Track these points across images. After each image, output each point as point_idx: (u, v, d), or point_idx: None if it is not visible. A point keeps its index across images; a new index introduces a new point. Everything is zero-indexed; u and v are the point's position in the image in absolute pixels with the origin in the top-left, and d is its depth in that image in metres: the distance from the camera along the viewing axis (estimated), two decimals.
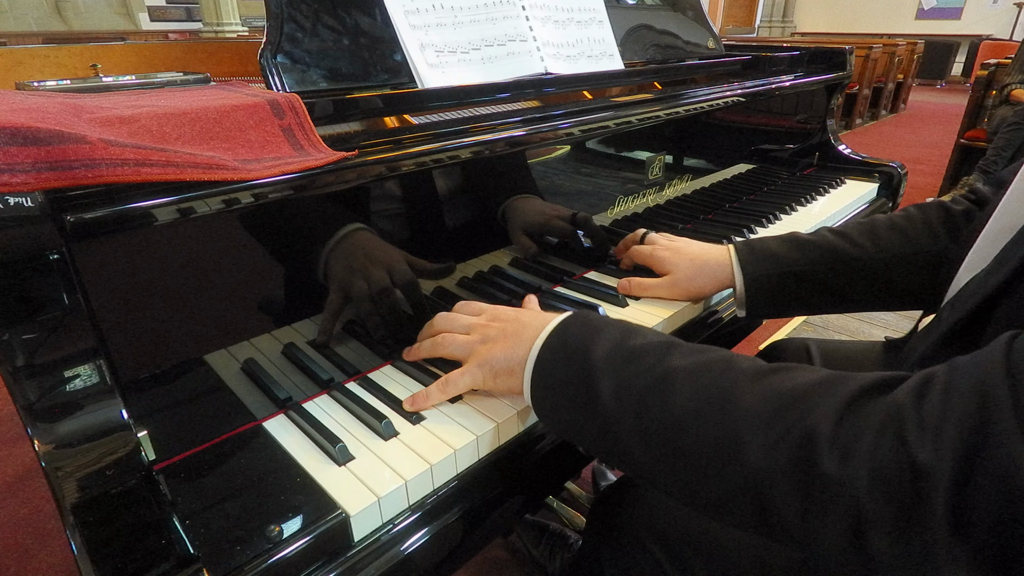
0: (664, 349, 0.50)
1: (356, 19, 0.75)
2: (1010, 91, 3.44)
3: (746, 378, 0.45)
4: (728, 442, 0.42)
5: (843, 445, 0.37)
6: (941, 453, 0.34)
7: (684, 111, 0.96)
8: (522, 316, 0.61)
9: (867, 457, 0.36)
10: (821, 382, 0.42)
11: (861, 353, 0.89)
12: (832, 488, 0.37)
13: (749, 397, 0.43)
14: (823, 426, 0.38)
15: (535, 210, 0.83)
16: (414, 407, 0.59)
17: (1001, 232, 0.58)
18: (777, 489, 0.39)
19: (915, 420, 0.36)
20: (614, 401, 0.48)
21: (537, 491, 0.65)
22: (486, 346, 0.60)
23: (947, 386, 0.36)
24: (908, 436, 0.35)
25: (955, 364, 0.38)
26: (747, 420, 0.42)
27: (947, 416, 0.35)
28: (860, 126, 6.37)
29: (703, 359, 0.48)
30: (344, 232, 0.63)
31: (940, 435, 0.34)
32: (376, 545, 0.50)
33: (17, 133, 0.39)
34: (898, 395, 0.38)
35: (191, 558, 0.42)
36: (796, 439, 0.39)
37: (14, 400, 0.44)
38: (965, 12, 10.56)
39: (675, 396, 0.46)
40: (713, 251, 0.82)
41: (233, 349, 0.58)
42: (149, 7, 8.75)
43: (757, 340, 2.16)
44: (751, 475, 0.40)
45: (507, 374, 0.58)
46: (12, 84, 1.11)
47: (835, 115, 1.47)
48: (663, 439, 0.45)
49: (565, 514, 1.32)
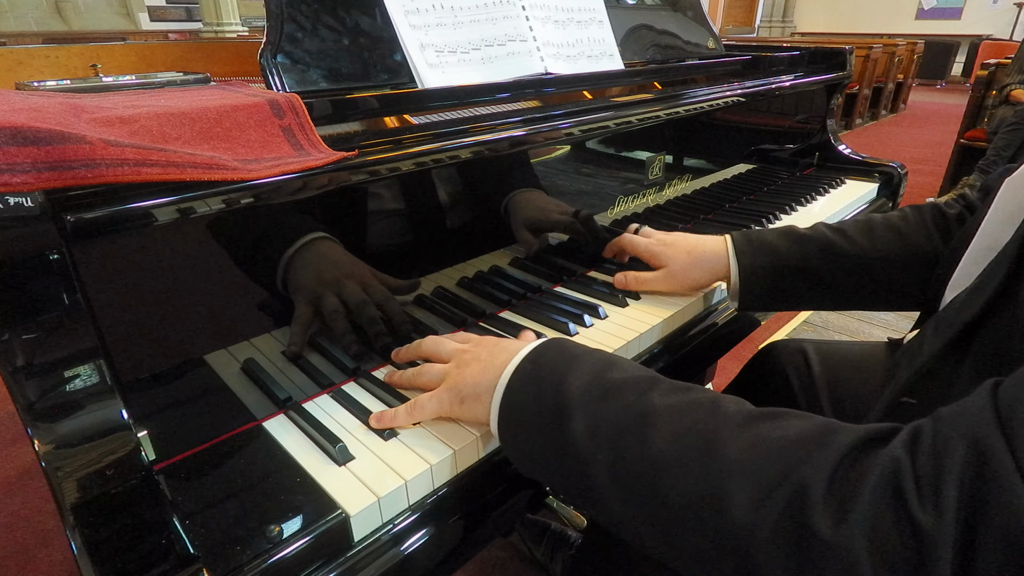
0: (645, 385, 0.47)
1: (356, 19, 0.75)
2: (1009, 91, 3.44)
3: (732, 423, 0.42)
4: (711, 493, 0.39)
5: (838, 503, 0.35)
6: (943, 515, 0.31)
7: (684, 111, 0.96)
8: (502, 342, 0.59)
9: (865, 518, 0.33)
10: (812, 433, 0.39)
11: (862, 355, 0.88)
12: (827, 551, 0.34)
13: (735, 445, 0.40)
14: (815, 482, 0.36)
15: (538, 204, 0.83)
16: (380, 425, 0.57)
17: (983, 251, 0.58)
18: (764, 548, 0.36)
19: (912, 477, 0.33)
20: (588, 439, 0.45)
21: (538, 490, 0.64)
22: (459, 370, 0.57)
23: (935, 440, 0.34)
24: (907, 496, 0.33)
25: (939, 416, 0.36)
26: (732, 470, 0.39)
27: (943, 472, 0.33)
28: (860, 126, 6.37)
29: (686, 399, 0.45)
30: (339, 230, 0.63)
31: (939, 494, 0.32)
32: (376, 545, 0.50)
33: (17, 133, 0.39)
34: (893, 449, 0.36)
35: (191, 558, 0.42)
36: (786, 494, 0.36)
37: (14, 400, 0.44)
38: (965, 12, 10.57)
39: (654, 438, 0.43)
40: (709, 242, 0.81)
41: (233, 349, 0.58)
42: (149, 7, 8.75)
43: (757, 340, 2.16)
44: (735, 531, 0.37)
45: (473, 400, 0.54)
46: (12, 84, 1.11)
47: (835, 115, 1.47)
48: (639, 484, 0.42)
49: (565, 514, 1.32)
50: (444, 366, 0.59)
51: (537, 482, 0.62)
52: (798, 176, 1.44)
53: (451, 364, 0.59)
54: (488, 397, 0.53)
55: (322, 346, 0.65)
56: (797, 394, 0.87)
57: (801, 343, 0.92)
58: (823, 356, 0.88)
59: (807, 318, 2.38)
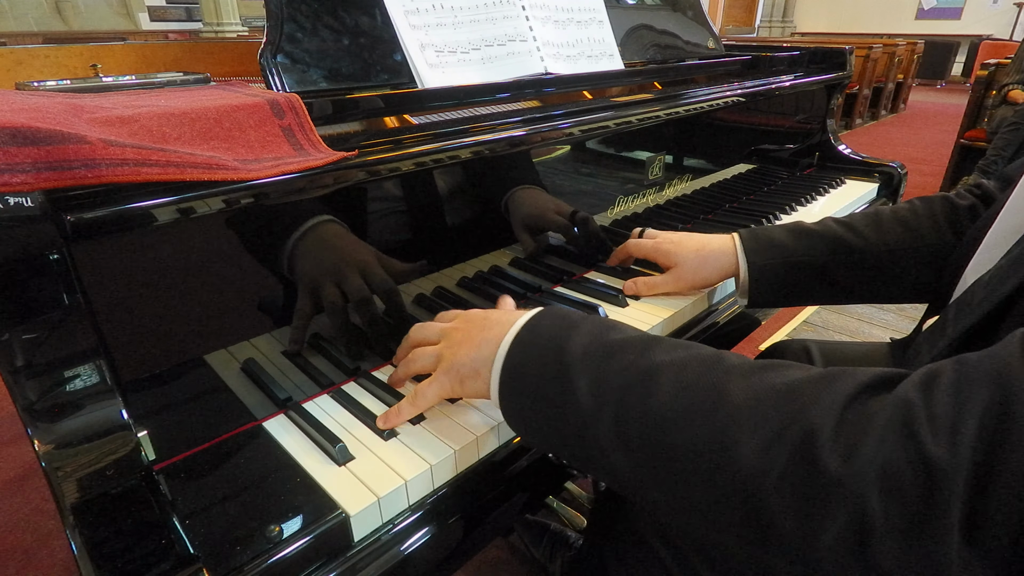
0: (646, 343, 0.47)
1: (356, 19, 0.75)
2: (1008, 91, 3.44)
3: (737, 373, 0.42)
4: (718, 441, 0.39)
5: (846, 442, 0.34)
6: (958, 449, 0.31)
7: (684, 111, 0.96)
8: (491, 315, 0.58)
9: (874, 454, 0.33)
10: (818, 378, 0.39)
11: (865, 355, 0.88)
12: (834, 487, 0.34)
13: (741, 393, 0.40)
14: (823, 422, 0.35)
15: (538, 201, 0.83)
16: (387, 425, 0.57)
17: (1008, 233, 0.57)
18: (773, 491, 0.36)
19: (926, 415, 0.33)
20: (592, 400, 0.45)
21: (537, 490, 0.64)
22: (451, 350, 0.56)
23: (958, 380, 0.34)
24: (919, 431, 0.32)
25: (964, 359, 0.35)
26: (739, 417, 0.38)
27: (963, 410, 0.32)
28: (860, 126, 6.37)
29: (689, 354, 0.45)
30: (342, 231, 0.63)
31: (956, 430, 0.31)
32: (376, 545, 0.50)
33: (17, 133, 0.39)
34: (903, 390, 0.35)
35: (191, 558, 0.42)
36: (794, 437, 0.36)
37: (14, 400, 0.44)
38: (965, 12, 10.56)
39: (659, 393, 0.42)
40: (716, 240, 0.81)
41: (233, 349, 0.58)
42: (149, 7, 8.75)
43: (757, 340, 2.16)
44: (744, 477, 0.37)
45: (473, 377, 0.54)
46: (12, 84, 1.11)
47: (835, 115, 1.47)
48: (645, 440, 0.42)
49: (565, 514, 1.32)
50: (435, 347, 0.59)
51: (537, 482, 0.62)
52: (798, 176, 1.44)
53: (442, 345, 0.58)
54: (487, 371, 0.53)
55: (322, 346, 0.65)
56: None
57: (805, 342, 0.92)
58: (827, 355, 0.88)
59: (807, 318, 2.38)
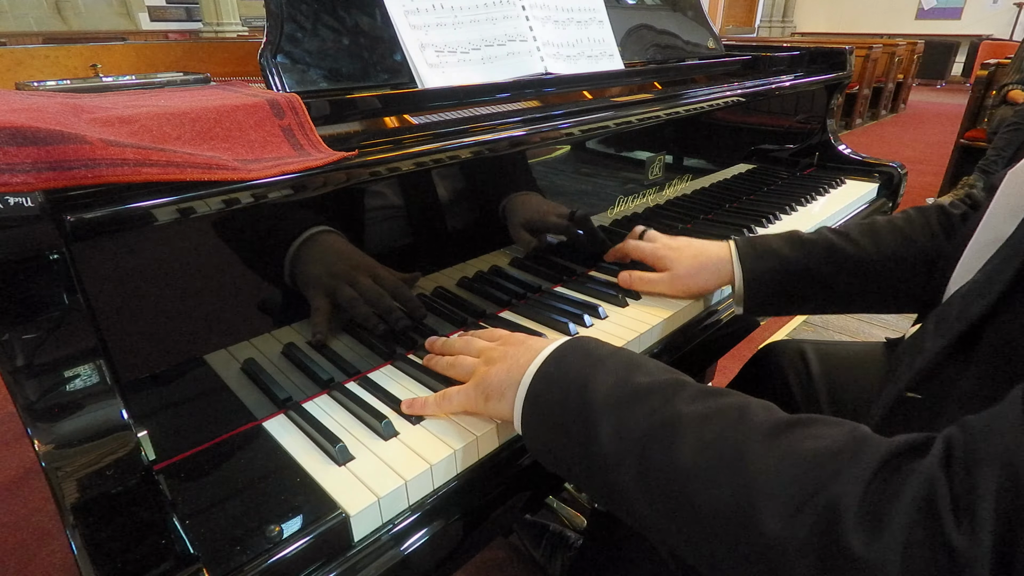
0: (671, 390, 0.47)
1: (356, 19, 0.75)
2: (1008, 91, 3.44)
3: (761, 434, 0.41)
4: (741, 506, 0.38)
5: (872, 520, 0.34)
6: (978, 536, 0.31)
7: (684, 111, 0.96)
8: (528, 340, 0.60)
9: (899, 536, 0.33)
10: (843, 445, 0.38)
11: (860, 355, 0.88)
12: (859, 568, 0.33)
13: (765, 457, 0.39)
14: (849, 496, 0.35)
15: (534, 207, 0.83)
16: (411, 411, 0.59)
17: (985, 245, 0.58)
18: (794, 562, 0.36)
19: (949, 496, 0.33)
20: (614, 445, 0.45)
21: (537, 491, 0.64)
22: (486, 367, 0.58)
23: (967, 458, 0.34)
24: (942, 515, 0.32)
25: (968, 428, 0.35)
26: (762, 483, 0.38)
27: (978, 495, 0.32)
28: (860, 126, 6.37)
29: (713, 405, 0.44)
30: (341, 231, 0.63)
31: (975, 515, 0.31)
32: (376, 545, 0.49)
33: (17, 133, 0.39)
34: (929, 466, 0.35)
35: (191, 558, 0.42)
36: (819, 509, 0.35)
37: (14, 400, 0.44)
38: (965, 12, 10.56)
39: (681, 447, 0.42)
40: (713, 247, 0.82)
41: (233, 349, 0.58)
42: (149, 7, 8.75)
43: (757, 340, 2.16)
44: (767, 545, 0.37)
45: (498, 398, 0.55)
46: (12, 84, 1.11)
47: (835, 115, 1.47)
48: (667, 492, 0.42)
49: (565, 514, 1.32)
50: (474, 360, 0.61)
51: (536, 483, 0.62)
52: (798, 176, 1.44)
53: (480, 359, 0.60)
54: (512, 395, 0.54)
55: (322, 345, 0.65)
56: (796, 395, 0.87)
57: (800, 343, 0.92)
58: (822, 357, 0.88)
59: (807, 318, 2.38)
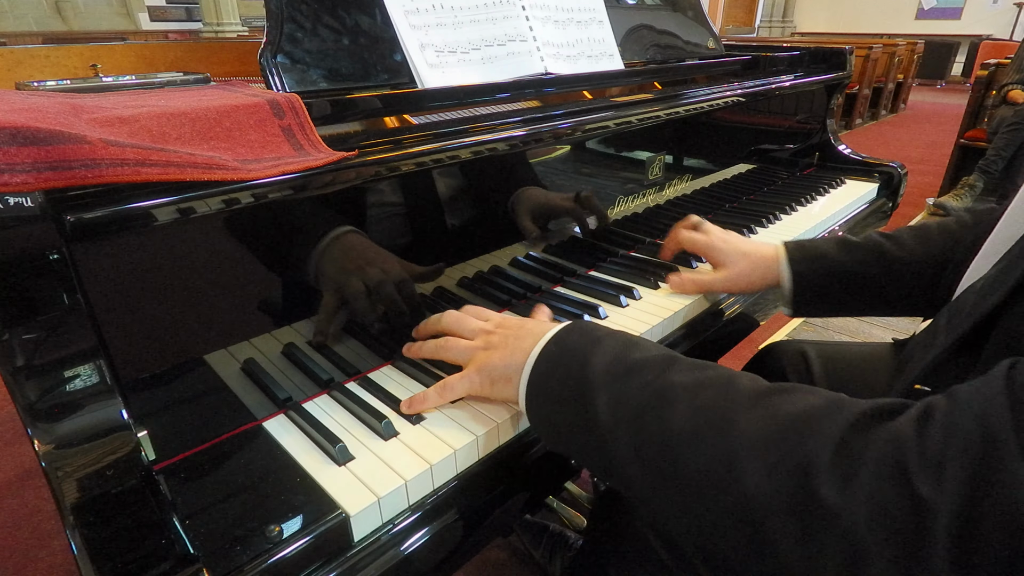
0: (664, 364, 0.49)
1: (356, 19, 0.75)
2: (1008, 91, 3.44)
3: (745, 399, 0.44)
4: (724, 465, 0.41)
5: (842, 473, 0.36)
6: (944, 487, 0.33)
7: (684, 111, 0.96)
8: (526, 324, 0.61)
9: (867, 487, 0.35)
10: (822, 407, 0.41)
11: (864, 357, 0.87)
12: (830, 517, 0.36)
13: (748, 420, 0.42)
14: (822, 452, 0.37)
15: (539, 197, 0.84)
16: (411, 409, 0.59)
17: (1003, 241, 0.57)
18: (773, 515, 0.38)
19: (917, 452, 0.35)
20: (610, 416, 0.48)
21: (537, 491, 0.65)
22: (487, 352, 0.59)
23: (948, 418, 0.35)
24: (910, 468, 0.34)
25: (955, 394, 0.37)
26: (745, 443, 0.41)
27: (949, 449, 0.34)
28: (860, 126, 6.37)
29: (703, 376, 0.47)
30: (340, 232, 0.63)
31: (943, 469, 0.33)
32: (376, 545, 0.49)
33: (17, 133, 0.39)
34: (900, 425, 0.37)
35: (191, 558, 0.42)
36: (794, 465, 0.38)
37: (14, 400, 0.44)
38: (965, 12, 10.56)
39: (672, 414, 0.45)
40: (764, 248, 0.83)
41: (233, 349, 0.58)
42: (149, 7, 8.75)
43: (757, 340, 2.16)
44: (747, 500, 0.39)
45: (504, 382, 0.57)
46: (12, 84, 1.11)
47: (835, 115, 1.48)
48: (658, 458, 0.45)
49: (565, 514, 1.32)
50: (470, 344, 0.61)
51: (537, 483, 0.63)
52: (798, 176, 1.44)
53: (477, 344, 0.61)
54: (517, 378, 0.56)
55: (322, 346, 0.65)
56: None
57: (802, 344, 0.92)
58: (824, 358, 0.88)
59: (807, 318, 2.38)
